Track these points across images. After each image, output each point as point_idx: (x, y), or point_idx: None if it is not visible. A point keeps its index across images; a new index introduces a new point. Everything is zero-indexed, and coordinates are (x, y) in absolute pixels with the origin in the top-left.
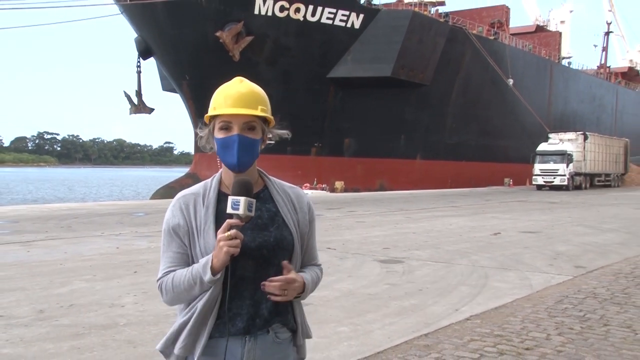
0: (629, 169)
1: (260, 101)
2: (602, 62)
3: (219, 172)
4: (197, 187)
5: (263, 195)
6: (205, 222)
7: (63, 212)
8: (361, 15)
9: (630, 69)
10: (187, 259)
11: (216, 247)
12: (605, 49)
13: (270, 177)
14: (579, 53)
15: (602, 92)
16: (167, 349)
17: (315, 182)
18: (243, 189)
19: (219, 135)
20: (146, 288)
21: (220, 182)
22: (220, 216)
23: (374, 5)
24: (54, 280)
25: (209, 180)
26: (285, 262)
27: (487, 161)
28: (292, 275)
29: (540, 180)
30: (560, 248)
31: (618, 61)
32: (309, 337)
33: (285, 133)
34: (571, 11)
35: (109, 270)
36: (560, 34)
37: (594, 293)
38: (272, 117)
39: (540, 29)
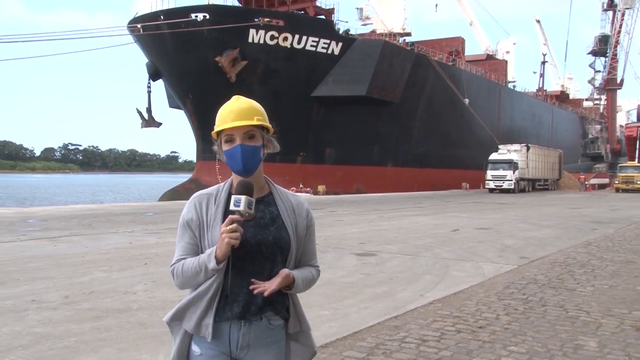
0: (563, 175)
1: (255, 112)
2: (540, 86)
3: (231, 177)
4: (211, 189)
5: (267, 199)
6: (214, 218)
7: (84, 212)
8: (340, 44)
9: (562, 92)
10: (197, 250)
11: (219, 239)
12: (542, 75)
13: (276, 185)
14: (522, 78)
15: (540, 111)
16: (172, 322)
17: (300, 186)
18: (244, 189)
19: (225, 147)
20: (155, 277)
21: (231, 185)
22: (228, 214)
23: (351, 35)
24: (76, 270)
25: (222, 183)
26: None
27: (448, 168)
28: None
29: (491, 185)
30: (508, 242)
31: (552, 86)
32: (308, 329)
33: (277, 147)
34: (514, 43)
35: (123, 262)
36: (506, 61)
37: (534, 279)
38: (269, 125)
39: (490, 57)
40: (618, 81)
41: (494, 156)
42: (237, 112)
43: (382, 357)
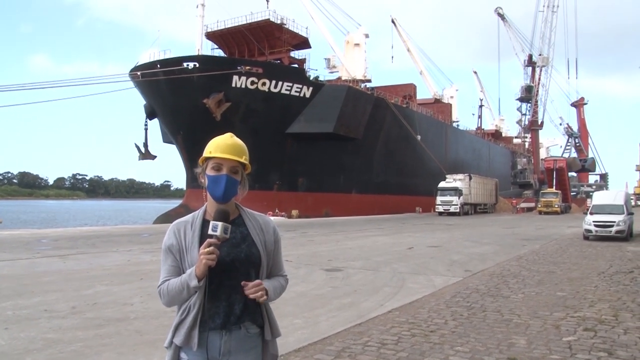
0: (499, 200)
1: (244, 152)
2: (479, 125)
3: (205, 204)
4: (188, 217)
5: (237, 221)
6: (192, 242)
7: (89, 233)
8: (311, 88)
9: (496, 131)
10: (179, 271)
11: (198, 260)
12: (480, 116)
13: (245, 208)
14: (464, 118)
15: (479, 146)
16: (170, 344)
17: (276, 210)
18: (221, 216)
19: (210, 173)
20: (150, 291)
21: (205, 212)
22: (204, 238)
23: (320, 81)
24: (82, 284)
25: (197, 211)
26: (244, 282)
27: (403, 194)
28: (257, 281)
29: (440, 208)
30: (455, 257)
31: (488, 125)
32: (279, 335)
33: (246, 191)
34: (457, 90)
35: (122, 277)
36: (450, 105)
37: (476, 289)
38: (249, 165)
39: (437, 101)
40: (539, 123)
41: (442, 184)
42: (230, 146)
43: (347, 359)
